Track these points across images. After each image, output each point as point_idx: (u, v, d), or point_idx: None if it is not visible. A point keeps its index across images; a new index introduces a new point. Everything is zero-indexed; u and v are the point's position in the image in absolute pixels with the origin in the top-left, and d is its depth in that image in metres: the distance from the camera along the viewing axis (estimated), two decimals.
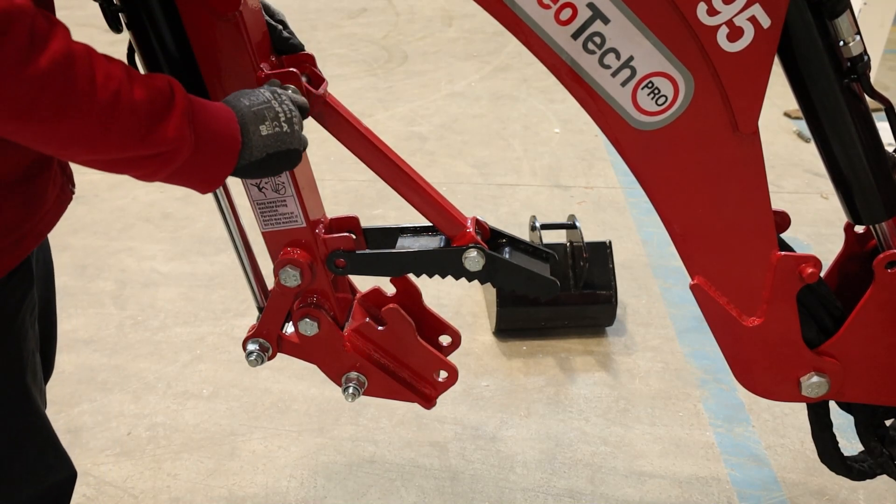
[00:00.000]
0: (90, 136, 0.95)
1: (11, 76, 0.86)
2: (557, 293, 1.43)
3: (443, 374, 1.52)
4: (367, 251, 1.41)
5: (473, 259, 1.36)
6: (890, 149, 1.33)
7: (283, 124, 1.13)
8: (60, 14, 1.06)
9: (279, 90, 1.16)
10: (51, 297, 1.46)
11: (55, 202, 1.27)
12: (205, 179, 1.10)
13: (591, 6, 1.14)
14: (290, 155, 1.16)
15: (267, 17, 1.29)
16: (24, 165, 1.16)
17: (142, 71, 1.18)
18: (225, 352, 2.76)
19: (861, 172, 1.29)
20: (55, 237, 1.30)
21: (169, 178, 1.06)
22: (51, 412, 1.55)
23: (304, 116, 1.21)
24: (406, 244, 1.44)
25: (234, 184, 1.41)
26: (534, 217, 2.80)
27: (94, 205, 3.78)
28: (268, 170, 1.16)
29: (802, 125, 4.43)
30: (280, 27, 1.30)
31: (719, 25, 1.13)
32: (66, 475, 1.45)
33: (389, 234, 1.47)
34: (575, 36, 1.17)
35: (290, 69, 1.24)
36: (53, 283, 1.48)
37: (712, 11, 1.12)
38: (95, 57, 0.95)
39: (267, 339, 1.47)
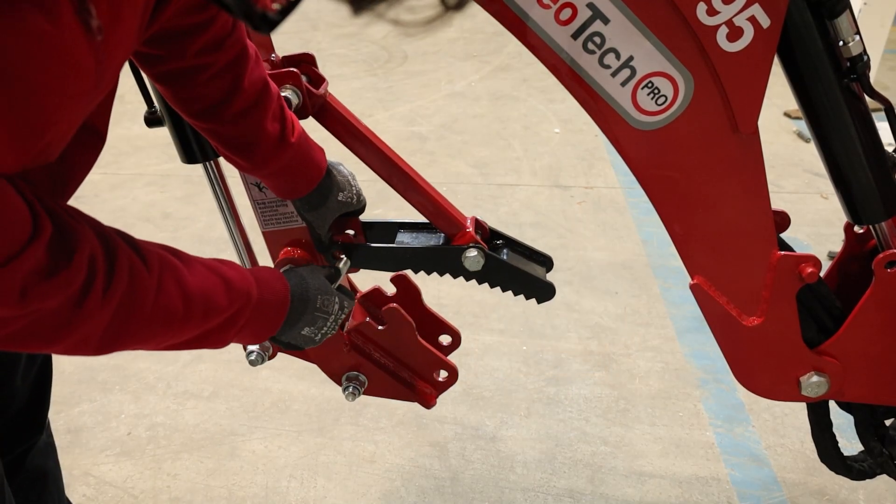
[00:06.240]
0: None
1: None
2: (554, 297, 1.43)
3: (443, 374, 1.52)
4: (367, 244, 1.41)
5: (473, 259, 1.36)
6: (890, 149, 1.33)
7: (321, 333, 1.14)
8: None
9: (347, 301, 1.17)
10: None
11: None
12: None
13: (591, 6, 1.14)
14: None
15: None
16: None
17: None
18: (225, 352, 2.75)
19: (861, 172, 1.29)
20: None
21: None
22: (51, 412, 1.55)
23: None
24: (405, 240, 1.44)
25: (235, 184, 1.42)
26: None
27: (95, 205, 3.78)
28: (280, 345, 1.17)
29: (802, 125, 4.43)
30: None
31: (719, 25, 1.13)
32: None
33: (388, 229, 1.47)
34: (575, 36, 1.17)
35: (291, 69, 1.25)
36: None
37: (712, 11, 1.12)
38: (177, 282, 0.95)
39: None
